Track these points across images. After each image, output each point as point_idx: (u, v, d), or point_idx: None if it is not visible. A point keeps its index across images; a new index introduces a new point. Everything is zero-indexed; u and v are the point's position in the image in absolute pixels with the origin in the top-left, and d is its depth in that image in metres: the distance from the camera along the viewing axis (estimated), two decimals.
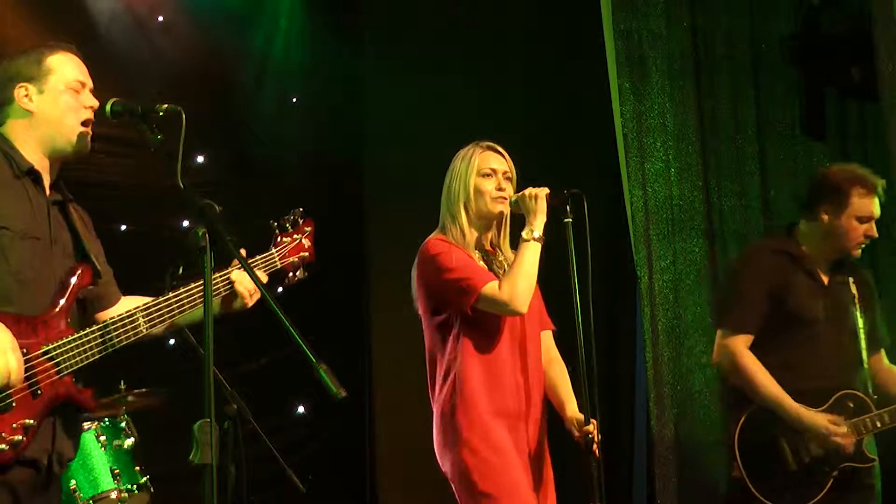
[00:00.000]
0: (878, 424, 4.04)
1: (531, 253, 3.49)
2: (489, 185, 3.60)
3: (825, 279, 4.18)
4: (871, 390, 4.12)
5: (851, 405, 4.06)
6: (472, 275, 3.48)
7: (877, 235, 4.14)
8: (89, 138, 2.96)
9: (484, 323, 3.51)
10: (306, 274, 3.26)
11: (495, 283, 3.47)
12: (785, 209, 5.91)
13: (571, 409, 3.58)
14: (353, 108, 6.52)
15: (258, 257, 3.14)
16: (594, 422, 3.44)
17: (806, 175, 6.01)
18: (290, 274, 3.23)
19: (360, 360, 6.36)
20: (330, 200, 6.17)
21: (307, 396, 6.22)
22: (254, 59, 6.33)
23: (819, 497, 3.96)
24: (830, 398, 4.04)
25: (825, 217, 4.13)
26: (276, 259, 3.18)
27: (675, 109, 5.88)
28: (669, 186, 5.80)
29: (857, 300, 4.18)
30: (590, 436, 3.41)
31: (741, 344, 4.06)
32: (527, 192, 3.56)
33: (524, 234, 3.52)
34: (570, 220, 3.54)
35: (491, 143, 3.68)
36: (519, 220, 3.64)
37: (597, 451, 3.41)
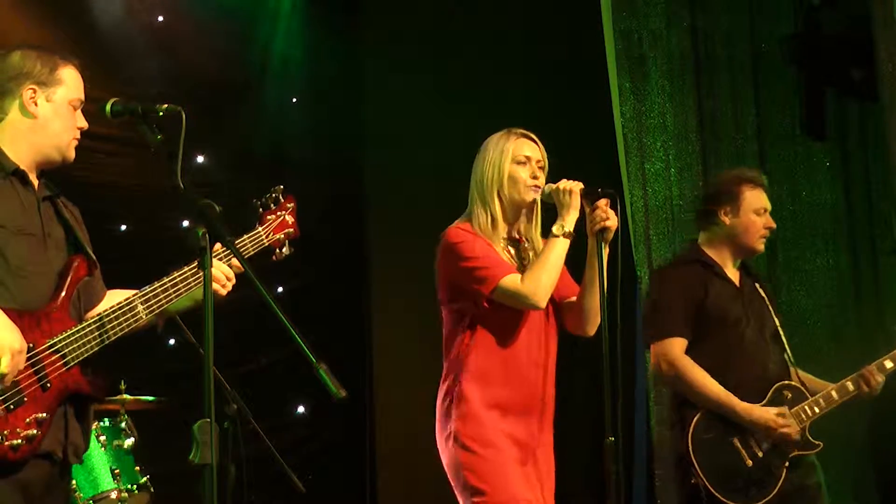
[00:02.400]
0: (817, 410, 4.13)
1: (559, 248, 3.45)
2: (523, 173, 3.54)
3: (736, 282, 4.28)
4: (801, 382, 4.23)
5: (789, 395, 4.14)
6: (492, 265, 3.45)
7: (774, 226, 4.29)
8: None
9: (501, 314, 3.47)
10: (292, 250, 3.28)
11: (517, 275, 3.44)
12: (785, 209, 5.91)
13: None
14: (353, 108, 6.53)
15: (245, 237, 3.15)
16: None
17: (806, 175, 6.03)
18: (277, 251, 3.24)
19: (360, 360, 6.37)
20: (330, 200, 6.17)
21: (307, 396, 6.22)
22: (254, 59, 6.33)
23: (778, 487, 4.02)
24: (767, 392, 4.11)
25: (725, 219, 4.25)
26: (263, 237, 3.20)
27: (675, 109, 5.88)
28: (669, 186, 5.80)
29: (767, 302, 4.29)
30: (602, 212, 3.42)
31: (678, 348, 4.12)
32: (561, 184, 3.50)
33: (554, 228, 3.46)
34: None
35: (525, 131, 3.62)
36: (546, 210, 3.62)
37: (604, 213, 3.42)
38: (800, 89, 6.03)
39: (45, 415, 2.70)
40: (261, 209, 3.25)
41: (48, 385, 2.72)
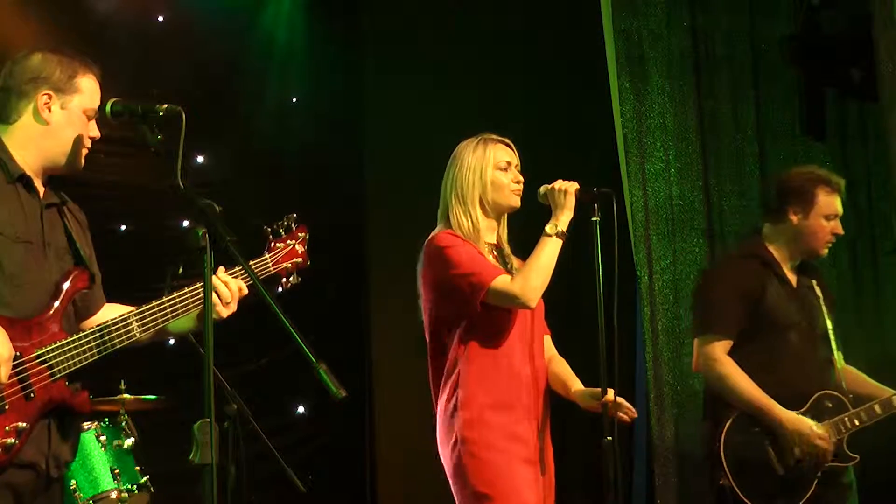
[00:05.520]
0: (857, 423, 4.06)
1: (551, 248, 3.46)
2: (506, 178, 3.57)
3: (794, 282, 4.21)
4: (844, 389, 4.15)
5: (830, 405, 4.08)
6: (482, 269, 3.45)
7: (842, 233, 4.20)
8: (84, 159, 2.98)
9: (492, 318, 3.48)
10: (299, 279, 3.25)
11: (506, 276, 3.45)
12: None
13: (577, 385, 3.58)
14: (353, 108, 6.53)
15: (251, 262, 3.11)
16: (611, 391, 3.42)
17: None
18: (284, 279, 3.21)
19: (360, 360, 6.37)
20: (330, 200, 6.17)
21: (307, 396, 6.23)
22: (254, 59, 6.33)
23: (806, 497, 3.97)
24: (808, 400, 4.05)
25: (794, 218, 4.17)
26: (270, 264, 3.17)
27: (675, 109, 5.87)
28: (669, 186, 5.80)
29: (822, 302, 4.21)
30: (614, 404, 3.39)
31: (720, 350, 4.07)
32: (556, 184, 3.52)
33: (548, 228, 3.48)
34: (598, 219, 3.50)
35: (499, 137, 3.64)
36: (526, 213, 3.63)
37: (628, 417, 3.41)
38: (800, 89, 6.02)
39: (24, 424, 2.67)
40: (270, 236, 3.22)
41: (32, 395, 2.69)
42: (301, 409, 6.29)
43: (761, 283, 4.11)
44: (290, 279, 3.23)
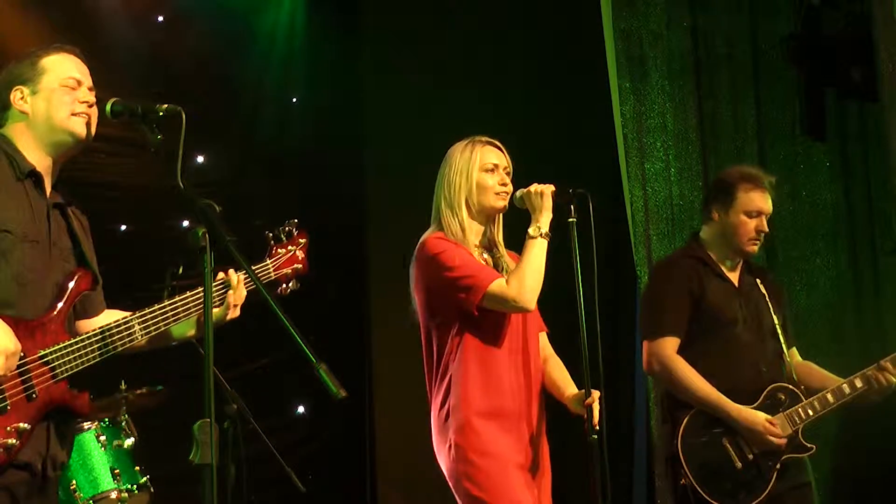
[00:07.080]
0: (811, 413, 4.09)
1: (538, 249, 3.47)
2: (492, 181, 3.58)
3: (735, 280, 4.24)
4: (797, 382, 4.18)
5: (783, 398, 4.11)
6: (477, 273, 3.46)
7: (767, 230, 4.21)
8: (89, 127, 2.94)
9: (485, 322, 3.49)
10: (298, 285, 3.25)
11: (502, 280, 3.45)
12: (785, 209, 5.92)
13: (571, 390, 3.60)
14: (353, 108, 6.53)
15: (253, 268, 3.09)
16: (595, 392, 3.44)
17: (806, 175, 6.03)
18: (283, 285, 3.22)
19: (360, 360, 6.37)
20: (330, 200, 6.17)
21: (307, 396, 6.23)
22: (254, 59, 6.34)
23: (767, 490, 3.99)
24: (761, 395, 4.08)
25: (716, 216, 4.22)
26: (271, 270, 3.18)
27: (675, 109, 5.87)
28: (669, 186, 5.80)
29: (767, 299, 4.24)
30: (591, 406, 3.40)
31: (669, 348, 4.10)
32: (532, 188, 3.54)
33: (531, 230, 3.49)
34: (575, 220, 3.53)
35: (489, 139, 3.66)
36: (516, 216, 3.64)
37: (596, 423, 3.41)
38: (800, 89, 6.02)
39: (26, 425, 2.67)
40: (272, 241, 3.22)
41: (34, 396, 2.69)
42: (301, 409, 6.29)
43: (702, 282, 4.16)
44: (290, 285, 3.23)
